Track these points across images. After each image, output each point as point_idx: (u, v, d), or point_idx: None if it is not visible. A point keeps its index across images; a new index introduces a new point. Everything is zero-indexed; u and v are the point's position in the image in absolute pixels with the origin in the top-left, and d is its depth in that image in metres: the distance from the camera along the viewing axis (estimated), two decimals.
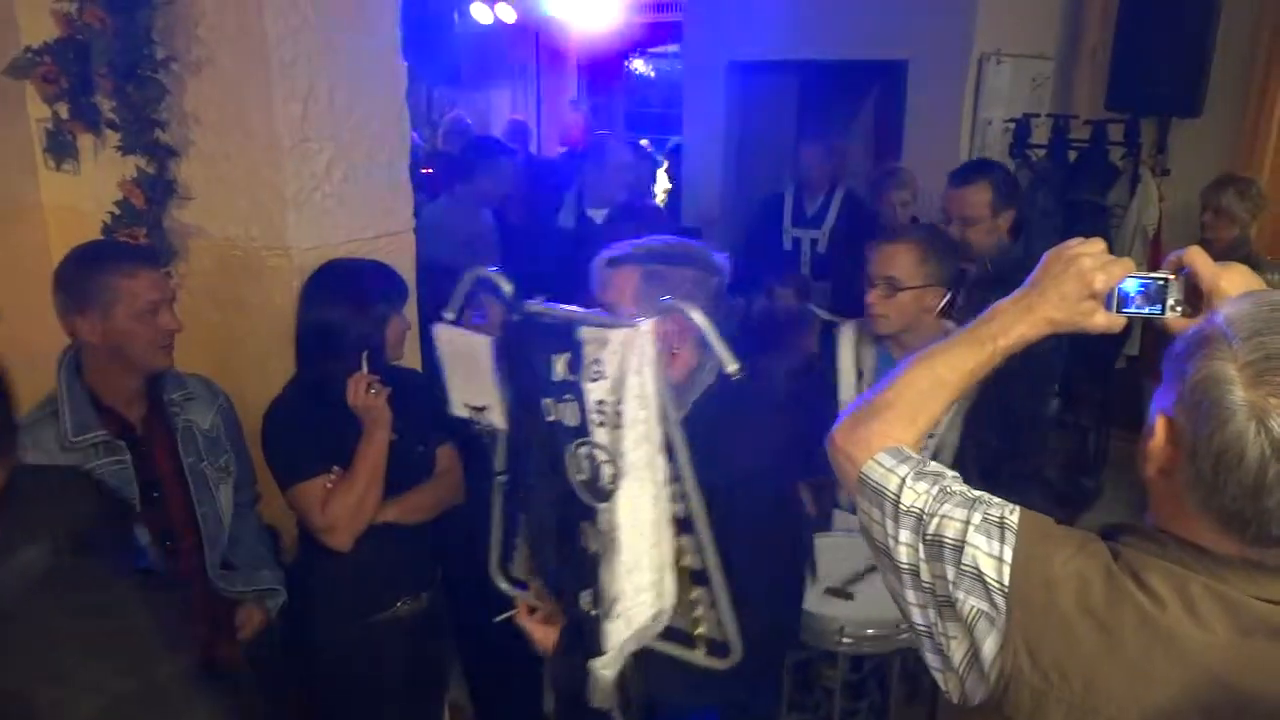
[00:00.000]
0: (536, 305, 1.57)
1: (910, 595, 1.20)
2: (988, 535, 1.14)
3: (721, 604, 1.54)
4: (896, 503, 1.21)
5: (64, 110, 2.70)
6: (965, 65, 4.63)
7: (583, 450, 1.52)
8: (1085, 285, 1.24)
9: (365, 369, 2.21)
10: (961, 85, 4.65)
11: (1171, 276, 1.24)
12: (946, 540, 1.16)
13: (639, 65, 9.82)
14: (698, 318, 1.46)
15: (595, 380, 1.46)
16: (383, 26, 2.64)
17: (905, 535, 1.19)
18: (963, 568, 1.14)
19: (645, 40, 9.04)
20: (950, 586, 1.15)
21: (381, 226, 2.71)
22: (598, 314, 1.53)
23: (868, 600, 2.39)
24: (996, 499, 1.19)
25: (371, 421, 2.23)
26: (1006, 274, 2.77)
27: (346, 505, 2.22)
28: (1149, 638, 1.05)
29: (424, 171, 6.28)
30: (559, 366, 1.51)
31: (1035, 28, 5.12)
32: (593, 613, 1.55)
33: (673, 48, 8.30)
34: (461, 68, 8.24)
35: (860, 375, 2.58)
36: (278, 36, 2.39)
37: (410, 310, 2.79)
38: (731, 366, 1.44)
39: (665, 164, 6.97)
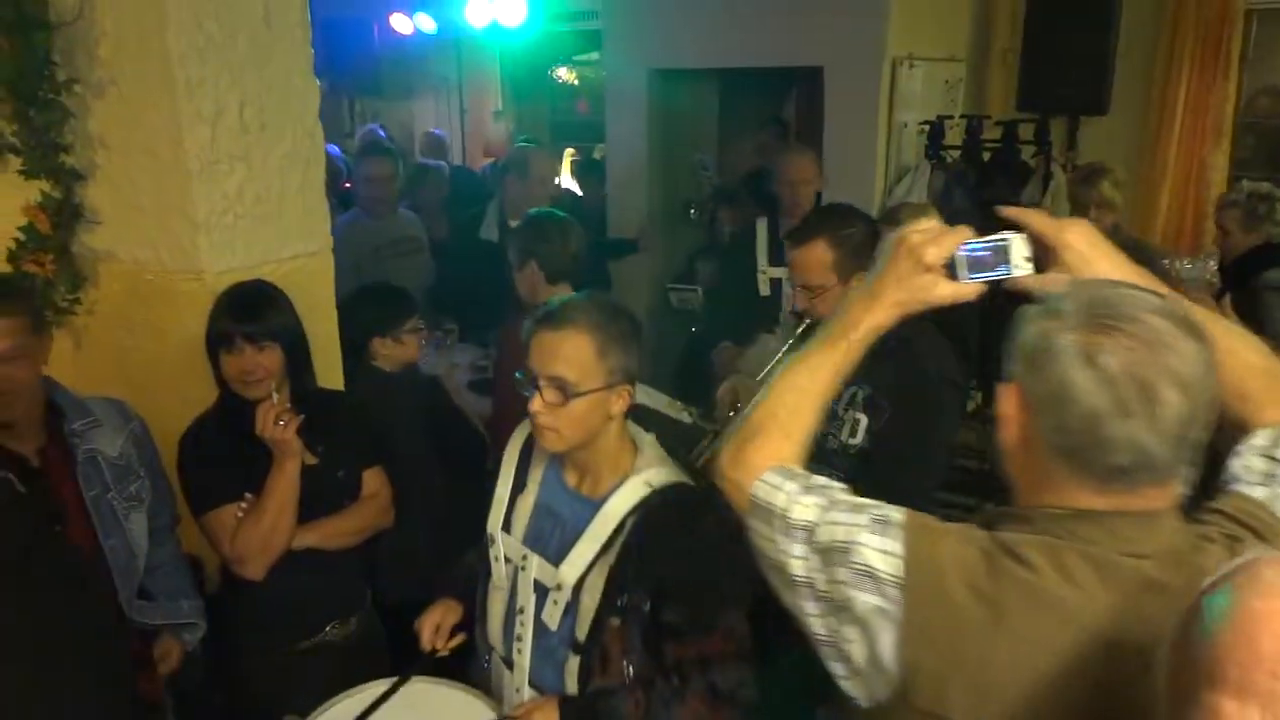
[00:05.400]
0: None
1: (809, 607, 1.24)
2: (875, 533, 1.19)
3: None
4: (785, 518, 1.26)
5: None
6: (879, 70, 4.71)
7: None
8: (917, 260, 1.29)
9: (274, 398, 2.18)
10: (876, 89, 4.73)
11: (1011, 236, 1.28)
12: (837, 544, 1.20)
13: (563, 73, 9.81)
14: None
15: None
16: (293, 43, 2.60)
17: (797, 549, 1.24)
18: (854, 567, 1.18)
19: (569, 48, 9.03)
20: (845, 588, 1.19)
21: (297, 247, 2.67)
22: None
23: None
24: (882, 503, 1.24)
25: (281, 452, 2.20)
26: (869, 355, 2.27)
27: (256, 536, 2.20)
28: (1032, 606, 1.11)
29: (345, 186, 6.21)
30: None
31: (947, 31, 5.24)
32: None
33: (595, 55, 8.31)
34: (383, 79, 8.17)
35: (521, 488, 1.95)
36: (181, 56, 2.35)
37: (331, 330, 2.78)
38: None
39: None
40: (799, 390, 1.36)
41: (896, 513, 1.21)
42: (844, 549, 1.19)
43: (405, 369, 3.04)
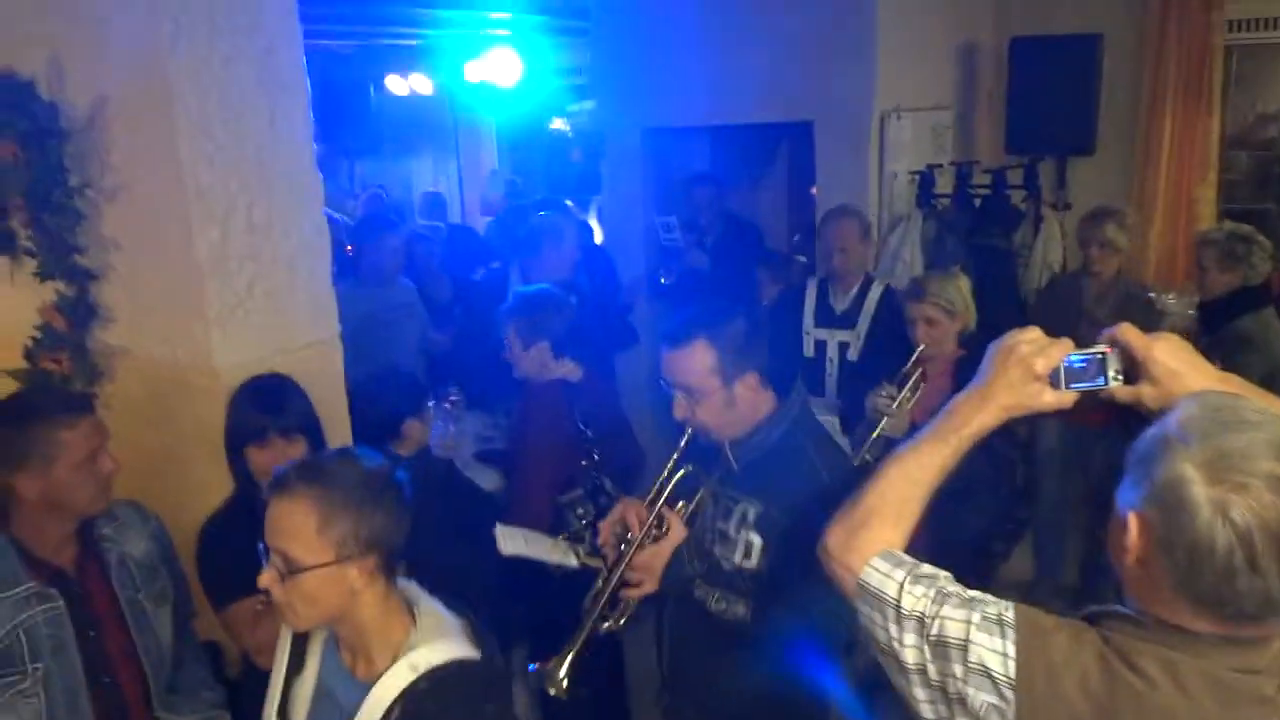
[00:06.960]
0: None
1: (919, 693, 1.33)
2: (989, 633, 1.27)
3: None
4: (898, 607, 1.34)
5: None
6: (867, 122, 4.77)
7: None
8: (1028, 370, 1.40)
9: None
10: (866, 142, 4.79)
11: (1108, 350, 1.39)
12: (950, 640, 1.28)
13: (557, 123, 9.95)
14: None
15: None
16: (297, 143, 2.68)
17: (910, 638, 1.32)
18: (970, 665, 1.26)
19: (563, 99, 9.17)
20: (960, 684, 1.27)
21: (306, 336, 2.73)
22: None
23: None
24: (990, 597, 1.32)
25: None
26: (758, 468, 2.11)
27: (275, 627, 2.21)
28: (1145, 716, 1.17)
29: (347, 250, 6.28)
30: None
31: (933, 80, 5.31)
32: None
33: (589, 104, 8.43)
34: (381, 140, 8.30)
35: (299, 669, 1.76)
36: (192, 162, 2.42)
37: (343, 415, 2.83)
38: None
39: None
40: (910, 481, 1.45)
41: (1007, 611, 1.28)
42: (958, 646, 1.27)
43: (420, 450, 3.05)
